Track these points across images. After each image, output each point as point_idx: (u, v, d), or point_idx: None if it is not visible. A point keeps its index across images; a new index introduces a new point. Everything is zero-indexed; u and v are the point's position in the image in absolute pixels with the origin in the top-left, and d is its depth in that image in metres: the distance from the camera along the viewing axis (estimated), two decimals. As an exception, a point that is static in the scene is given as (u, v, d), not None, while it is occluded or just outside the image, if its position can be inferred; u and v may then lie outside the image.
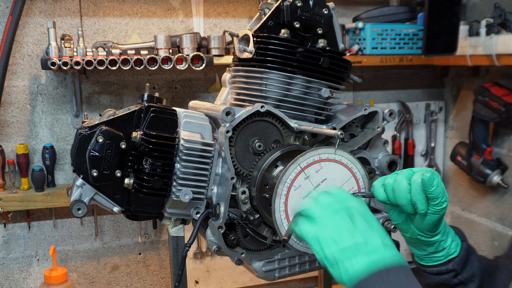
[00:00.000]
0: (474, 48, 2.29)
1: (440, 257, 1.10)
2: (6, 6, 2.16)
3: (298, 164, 1.09)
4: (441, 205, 1.00)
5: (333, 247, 0.84)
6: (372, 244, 0.84)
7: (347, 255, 0.83)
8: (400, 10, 2.56)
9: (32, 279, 2.36)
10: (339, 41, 1.34)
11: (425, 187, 0.98)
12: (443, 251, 1.09)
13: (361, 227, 0.87)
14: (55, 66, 1.97)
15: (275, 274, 1.31)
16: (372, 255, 0.83)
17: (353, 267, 0.82)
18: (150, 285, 2.56)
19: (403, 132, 2.81)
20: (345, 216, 0.89)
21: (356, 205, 0.93)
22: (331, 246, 0.84)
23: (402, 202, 1.01)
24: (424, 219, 1.02)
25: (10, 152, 2.24)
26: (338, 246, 0.84)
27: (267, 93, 1.24)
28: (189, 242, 1.21)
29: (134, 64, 2.05)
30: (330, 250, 0.84)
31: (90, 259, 2.44)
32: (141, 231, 2.50)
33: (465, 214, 2.80)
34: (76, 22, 2.27)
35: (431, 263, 1.12)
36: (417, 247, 1.11)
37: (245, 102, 1.28)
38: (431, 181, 0.98)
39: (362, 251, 0.83)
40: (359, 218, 0.89)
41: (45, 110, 2.28)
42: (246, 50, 1.25)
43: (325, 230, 0.87)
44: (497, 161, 2.48)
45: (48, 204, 2.20)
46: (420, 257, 1.12)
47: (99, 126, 1.15)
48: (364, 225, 0.87)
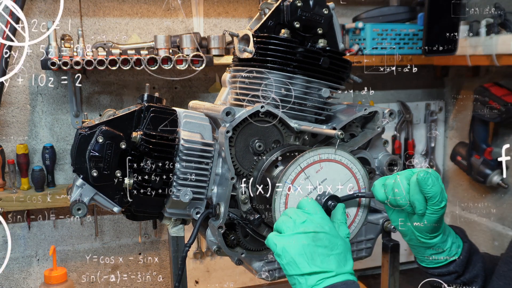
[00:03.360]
0: (474, 48, 2.29)
1: (440, 259, 1.09)
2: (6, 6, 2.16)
3: (298, 164, 1.09)
4: (438, 205, 0.99)
5: (294, 269, 0.98)
6: (327, 274, 0.97)
7: (304, 277, 0.97)
8: (400, 10, 2.56)
9: (32, 279, 2.36)
10: (339, 41, 1.34)
11: (420, 186, 0.99)
12: (443, 253, 1.09)
13: (320, 253, 0.98)
14: (55, 66, 1.97)
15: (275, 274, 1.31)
16: (325, 280, 0.96)
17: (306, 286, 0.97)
18: (150, 285, 2.56)
19: (403, 132, 2.81)
20: (310, 239, 0.98)
21: (326, 228, 1.01)
22: (292, 268, 0.98)
23: (402, 202, 1.02)
24: (423, 219, 1.02)
25: (10, 152, 2.24)
26: (298, 271, 0.97)
27: (267, 93, 1.24)
28: (189, 242, 1.21)
29: (134, 64, 2.05)
30: (292, 271, 0.98)
31: (90, 259, 2.44)
32: (141, 231, 2.50)
33: (465, 214, 2.80)
34: (76, 22, 2.27)
35: (432, 265, 1.11)
36: (417, 249, 1.11)
37: (245, 102, 1.28)
38: (426, 180, 0.98)
39: (317, 277, 0.97)
40: (323, 242, 0.99)
41: (45, 110, 2.28)
42: (246, 50, 1.25)
43: (290, 249, 0.98)
44: (497, 161, 2.48)
45: (48, 204, 2.20)
46: (421, 259, 1.12)
47: (99, 126, 1.15)
48: (324, 251, 0.98)
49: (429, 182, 0.98)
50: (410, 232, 1.07)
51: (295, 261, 0.97)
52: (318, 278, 0.96)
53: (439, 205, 1.00)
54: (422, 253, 1.10)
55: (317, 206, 1.05)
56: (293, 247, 0.98)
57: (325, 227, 1.01)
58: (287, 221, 1.02)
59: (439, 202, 0.99)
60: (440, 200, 0.99)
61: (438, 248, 1.08)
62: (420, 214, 1.01)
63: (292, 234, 0.99)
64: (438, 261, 1.10)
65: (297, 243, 0.98)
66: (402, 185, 1.01)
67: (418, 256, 1.12)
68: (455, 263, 1.10)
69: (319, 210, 1.04)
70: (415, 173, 1.01)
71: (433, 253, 1.09)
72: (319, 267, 0.96)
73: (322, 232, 1.00)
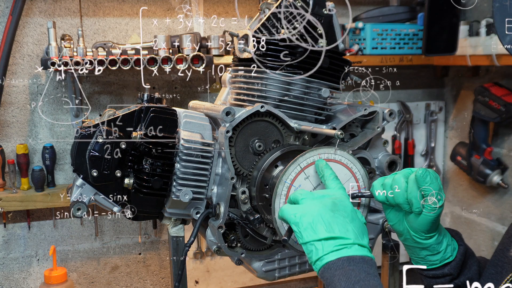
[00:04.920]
0: (474, 48, 2.29)
1: (435, 261, 1.09)
2: (6, 6, 2.16)
3: (298, 164, 1.09)
4: (435, 203, 1.00)
5: (310, 235, 0.94)
6: (344, 240, 0.93)
7: (321, 243, 0.93)
8: (400, 10, 2.56)
9: (32, 279, 2.36)
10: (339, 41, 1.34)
11: (418, 183, 0.99)
12: (438, 255, 1.08)
13: (339, 222, 0.95)
14: (55, 66, 1.97)
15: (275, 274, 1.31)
16: (342, 249, 0.92)
17: (323, 252, 0.92)
18: (150, 285, 2.56)
19: (403, 132, 2.81)
20: (328, 206, 0.96)
21: (344, 201, 0.99)
22: (308, 234, 0.94)
23: (400, 200, 1.02)
24: (419, 218, 1.02)
25: (10, 152, 2.24)
26: (315, 236, 0.93)
27: (267, 93, 1.24)
28: (189, 242, 1.21)
29: (134, 64, 2.05)
30: (308, 237, 0.94)
31: (90, 259, 2.44)
32: (141, 231, 2.50)
33: (465, 214, 2.80)
34: (76, 22, 2.27)
35: (427, 267, 1.11)
36: (412, 250, 1.10)
37: (245, 102, 1.28)
38: (424, 177, 0.98)
39: (334, 243, 0.93)
40: (341, 213, 0.96)
41: (45, 110, 2.28)
42: (246, 50, 1.25)
43: (307, 215, 0.95)
44: (497, 161, 2.48)
45: (48, 204, 2.20)
46: (416, 261, 1.12)
47: (99, 126, 1.15)
48: (342, 220, 0.95)
49: (427, 179, 0.98)
50: (406, 231, 1.07)
51: (312, 226, 0.94)
52: (335, 244, 0.92)
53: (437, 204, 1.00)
54: (417, 254, 1.10)
55: (339, 184, 1.05)
56: (311, 214, 0.95)
57: (344, 201, 1.00)
58: (305, 192, 1.02)
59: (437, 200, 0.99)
60: (438, 199, 0.99)
61: (433, 249, 1.07)
62: (417, 212, 1.01)
63: (311, 201, 0.99)
64: (433, 263, 1.09)
65: (315, 209, 0.96)
66: (400, 183, 1.02)
67: (413, 257, 1.12)
68: (450, 265, 1.10)
69: (340, 188, 1.04)
70: (413, 172, 1.01)
71: (428, 254, 1.08)
72: (337, 234, 0.93)
73: (341, 204, 0.98)
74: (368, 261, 0.92)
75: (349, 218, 0.96)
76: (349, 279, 0.88)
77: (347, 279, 0.88)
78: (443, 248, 1.08)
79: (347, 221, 0.95)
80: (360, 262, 0.91)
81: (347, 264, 0.90)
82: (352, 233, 0.94)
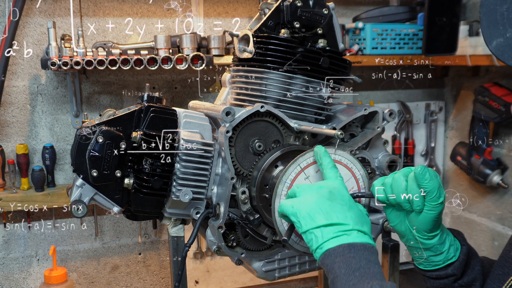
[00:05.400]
0: (474, 48, 2.29)
1: (438, 262, 1.09)
2: (6, 6, 2.16)
3: (298, 164, 1.09)
4: (436, 201, 0.99)
5: (309, 223, 0.94)
6: (344, 226, 0.93)
7: (320, 230, 0.93)
8: (400, 10, 2.56)
9: (32, 279, 2.36)
10: (339, 41, 1.34)
11: (418, 180, 0.99)
12: (441, 255, 1.08)
13: (337, 210, 0.95)
14: (55, 66, 1.97)
15: (275, 274, 1.31)
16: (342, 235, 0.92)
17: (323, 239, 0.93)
18: (150, 285, 2.56)
19: (403, 132, 2.81)
20: (325, 196, 0.96)
21: (341, 190, 0.99)
22: (307, 222, 0.95)
23: (400, 199, 1.01)
24: (420, 216, 1.02)
25: (10, 152, 2.24)
26: (314, 224, 0.94)
27: (267, 93, 1.24)
28: (189, 242, 1.21)
29: (134, 64, 2.05)
30: (307, 225, 0.94)
31: (90, 259, 2.44)
32: (141, 231, 2.50)
33: (465, 214, 2.80)
34: (76, 22, 2.27)
35: (430, 268, 1.10)
36: (415, 251, 1.10)
37: (245, 102, 1.28)
38: (423, 174, 0.98)
39: (334, 229, 0.93)
40: (339, 202, 0.96)
41: (45, 110, 2.28)
42: (246, 50, 1.25)
43: (305, 205, 0.96)
44: (497, 161, 2.48)
45: (48, 204, 2.20)
46: (419, 262, 1.11)
47: (99, 126, 1.15)
48: (340, 208, 0.95)
49: (427, 176, 0.98)
50: (408, 232, 1.06)
51: (310, 215, 0.94)
52: (334, 231, 0.92)
53: (437, 201, 0.99)
54: (419, 255, 1.09)
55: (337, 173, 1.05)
56: (309, 203, 0.96)
57: (342, 190, 1.00)
58: (301, 185, 1.03)
59: (437, 197, 0.99)
60: (438, 196, 0.99)
61: (435, 249, 1.07)
62: (418, 210, 1.01)
63: (308, 192, 0.99)
64: (436, 263, 1.09)
65: (313, 199, 0.97)
66: (400, 182, 1.01)
67: (416, 258, 1.11)
68: (453, 265, 1.09)
69: (338, 178, 1.04)
70: (412, 170, 1.01)
71: (431, 254, 1.08)
72: (335, 220, 0.93)
73: (339, 193, 0.99)
74: (369, 248, 0.92)
75: (347, 206, 0.97)
76: (350, 266, 0.88)
77: (347, 266, 0.88)
78: (446, 248, 1.08)
79: (345, 208, 0.96)
80: (361, 249, 0.91)
81: (348, 251, 0.90)
82: (351, 220, 0.94)
